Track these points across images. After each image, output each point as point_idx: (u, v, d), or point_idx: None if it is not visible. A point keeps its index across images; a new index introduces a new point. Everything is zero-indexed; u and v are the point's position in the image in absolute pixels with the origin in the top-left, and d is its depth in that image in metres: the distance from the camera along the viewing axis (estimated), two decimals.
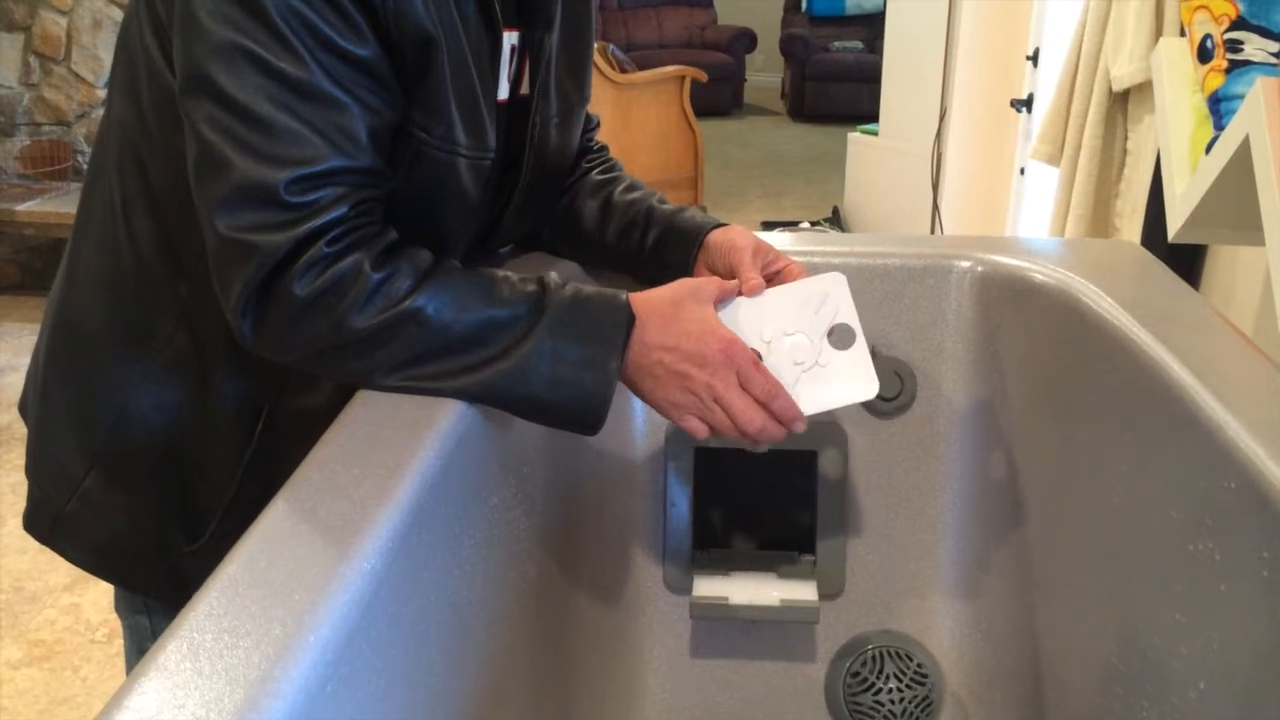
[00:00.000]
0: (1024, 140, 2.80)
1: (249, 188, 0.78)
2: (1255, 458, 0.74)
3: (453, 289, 0.84)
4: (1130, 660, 0.93)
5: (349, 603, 0.65)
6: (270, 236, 0.78)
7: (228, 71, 0.77)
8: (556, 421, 0.88)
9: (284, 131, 0.78)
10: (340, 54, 0.80)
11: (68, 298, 0.99)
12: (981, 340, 1.17)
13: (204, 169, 0.79)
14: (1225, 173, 1.18)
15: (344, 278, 0.81)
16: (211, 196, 0.78)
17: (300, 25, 0.77)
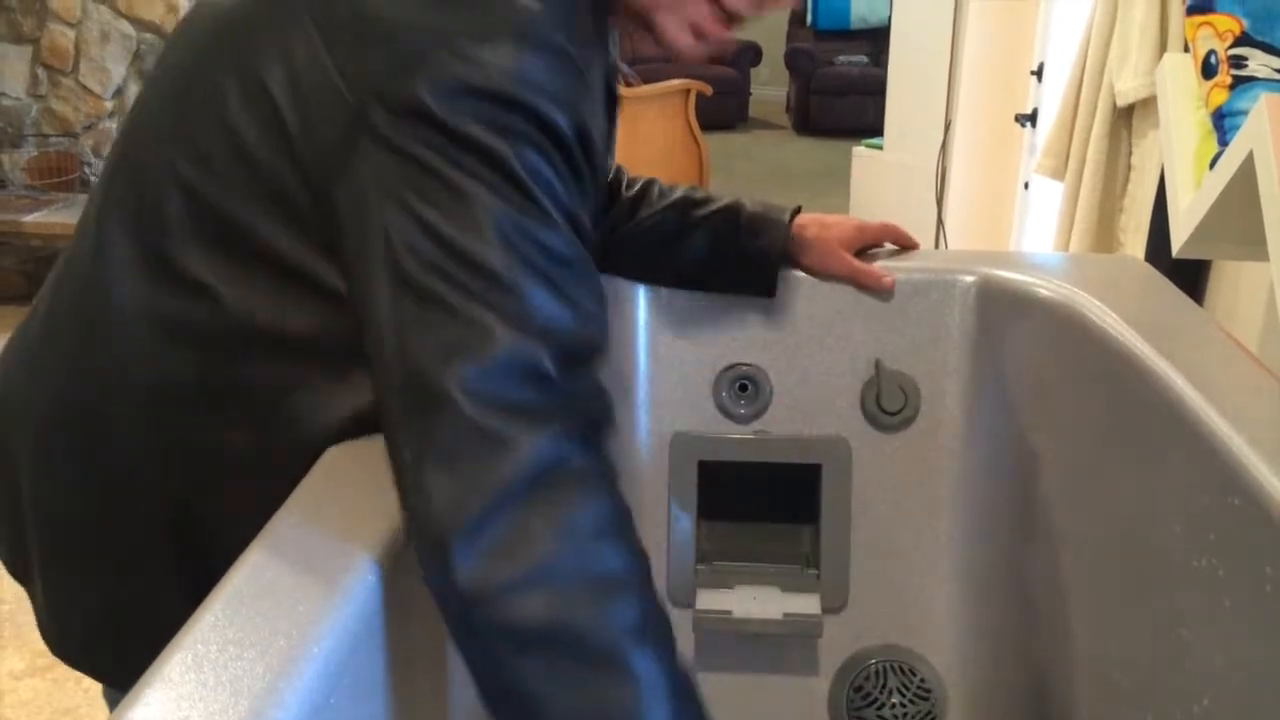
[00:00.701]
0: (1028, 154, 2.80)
1: (513, 365, 0.65)
2: (1259, 474, 0.74)
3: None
4: (1134, 675, 0.93)
5: (353, 614, 0.65)
6: (534, 431, 0.65)
7: (474, 228, 0.66)
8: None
9: (544, 303, 0.67)
10: (571, 214, 0.71)
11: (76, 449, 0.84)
12: (985, 355, 1.17)
13: (442, 340, 0.65)
14: (1229, 188, 1.18)
15: (600, 492, 0.68)
16: (456, 373, 0.64)
17: (546, 188, 0.69)
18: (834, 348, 1.19)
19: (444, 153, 0.66)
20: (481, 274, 0.65)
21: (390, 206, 0.67)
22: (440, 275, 0.65)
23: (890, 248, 1.21)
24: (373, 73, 0.68)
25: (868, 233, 1.19)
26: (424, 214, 0.66)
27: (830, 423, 1.21)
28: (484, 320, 0.65)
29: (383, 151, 0.67)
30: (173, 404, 0.80)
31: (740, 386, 1.21)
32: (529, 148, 0.68)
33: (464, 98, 0.66)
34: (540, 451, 0.64)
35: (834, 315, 1.19)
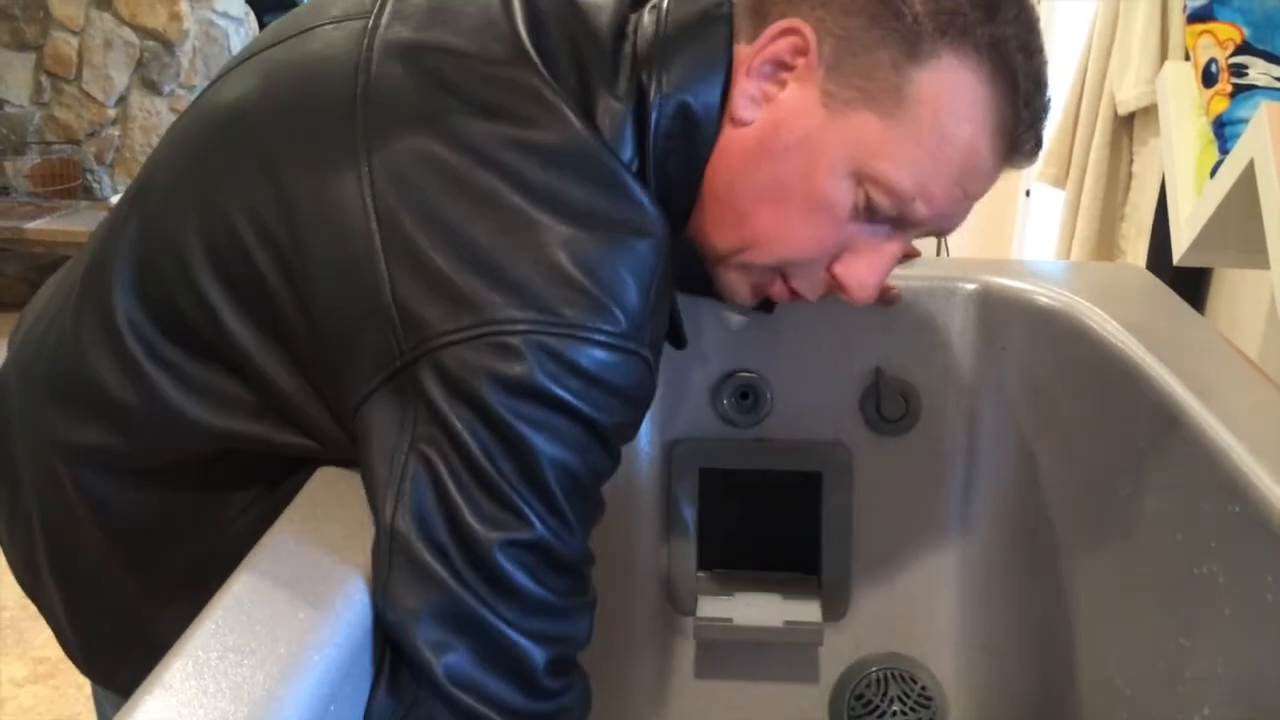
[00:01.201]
0: None
1: (509, 661, 0.65)
2: (1260, 482, 0.74)
3: None
4: (1135, 683, 0.93)
5: (354, 621, 0.65)
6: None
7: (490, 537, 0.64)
8: None
9: (549, 608, 0.67)
10: (592, 518, 0.72)
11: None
12: (985, 363, 1.17)
13: (437, 618, 0.64)
14: (1230, 196, 1.18)
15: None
16: (441, 658, 0.64)
17: (575, 495, 0.67)
18: (834, 355, 1.19)
19: (486, 446, 0.63)
20: (484, 572, 0.64)
21: (413, 469, 0.65)
22: (444, 561, 0.64)
23: None
24: (438, 332, 0.64)
25: None
26: (447, 495, 0.64)
27: (831, 430, 1.21)
28: (479, 616, 0.64)
29: (424, 408, 0.64)
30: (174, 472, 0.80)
31: (740, 394, 1.21)
32: (575, 456, 0.65)
33: (524, 400, 0.63)
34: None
35: (834, 323, 1.19)
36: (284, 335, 0.71)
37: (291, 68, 0.75)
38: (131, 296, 0.76)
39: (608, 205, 0.67)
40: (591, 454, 0.67)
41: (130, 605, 0.85)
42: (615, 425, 0.67)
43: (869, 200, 0.71)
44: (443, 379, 0.63)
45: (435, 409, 0.64)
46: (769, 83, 0.72)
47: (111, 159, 3.91)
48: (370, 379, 0.66)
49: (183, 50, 3.79)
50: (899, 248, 0.75)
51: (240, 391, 0.74)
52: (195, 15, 3.77)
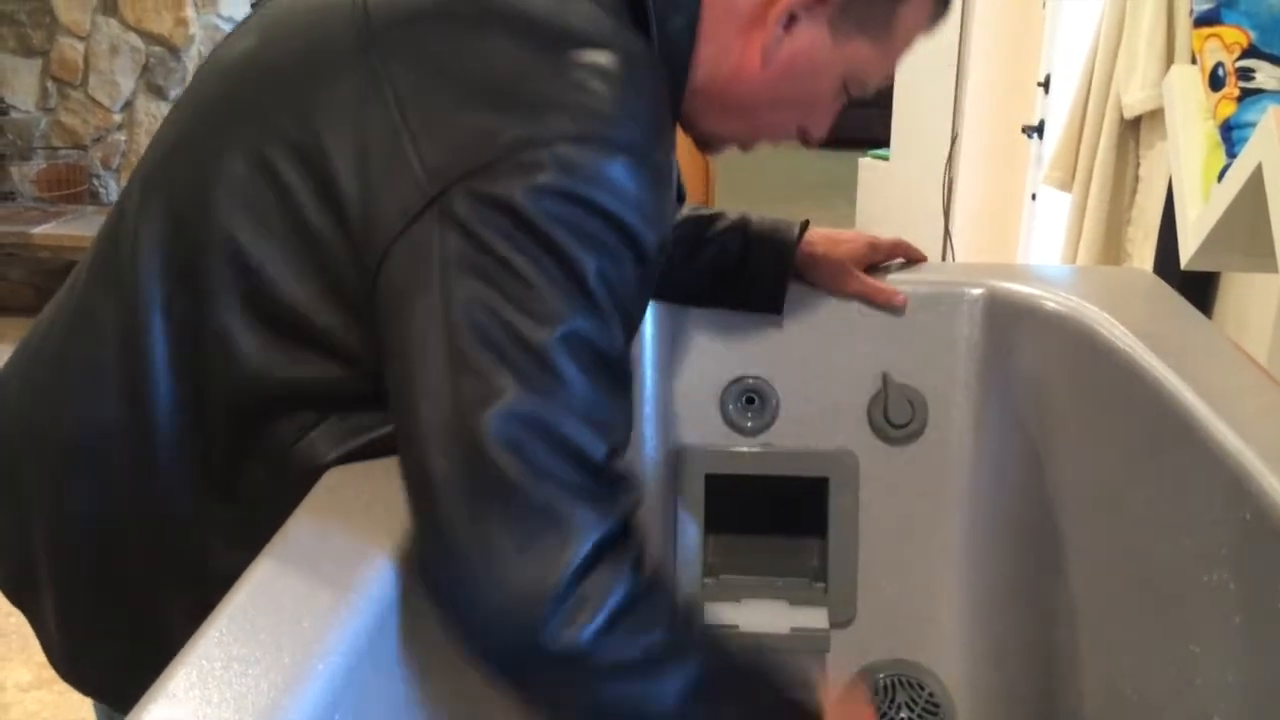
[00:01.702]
0: (1035, 166, 2.80)
1: (572, 452, 0.67)
2: (1270, 488, 0.74)
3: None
4: (1143, 691, 0.93)
5: (359, 630, 0.65)
6: (593, 514, 0.68)
7: (543, 328, 0.67)
8: None
9: (600, 403, 0.69)
10: (630, 323, 0.74)
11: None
12: (993, 367, 1.17)
13: (506, 418, 0.65)
14: (1238, 200, 1.18)
15: (653, 578, 0.72)
16: (521, 451, 0.66)
17: (613, 298, 0.70)
18: (841, 361, 1.19)
19: (523, 248, 0.66)
20: (545, 369, 0.66)
21: (457, 287, 0.67)
22: (506, 363, 0.66)
23: (899, 262, 1.21)
24: (461, 161, 0.68)
25: (879, 250, 1.19)
26: (494, 302, 0.66)
27: (837, 436, 1.20)
28: (547, 413, 0.66)
29: (456, 234, 0.67)
30: (193, 446, 0.80)
31: (747, 399, 1.21)
32: (608, 258, 0.69)
33: (555, 201, 0.66)
34: (599, 534, 0.67)
35: (841, 328, 1.18)
36: (310, 243, 0.73)
37: (288, 12, 0.80)
38: (160, 270, 0.78)
39: (611, 34, 0.73)
40: (622, 260, 0.70)
41: (133, 600, 0.85)
42: (640, 232, 0.70)
43: (846, 93, 0.88)
44: (474, 203, 0.67)
45: (469, 230, 0.67)
46: (783, 28, 0.82)
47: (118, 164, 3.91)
48: (395, 227, 0.69)
49: (188, 55, 3.79)
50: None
51: (269, 333, 0.76)
52: (200, 20, 3.78)
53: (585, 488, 0.68)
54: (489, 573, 0.65)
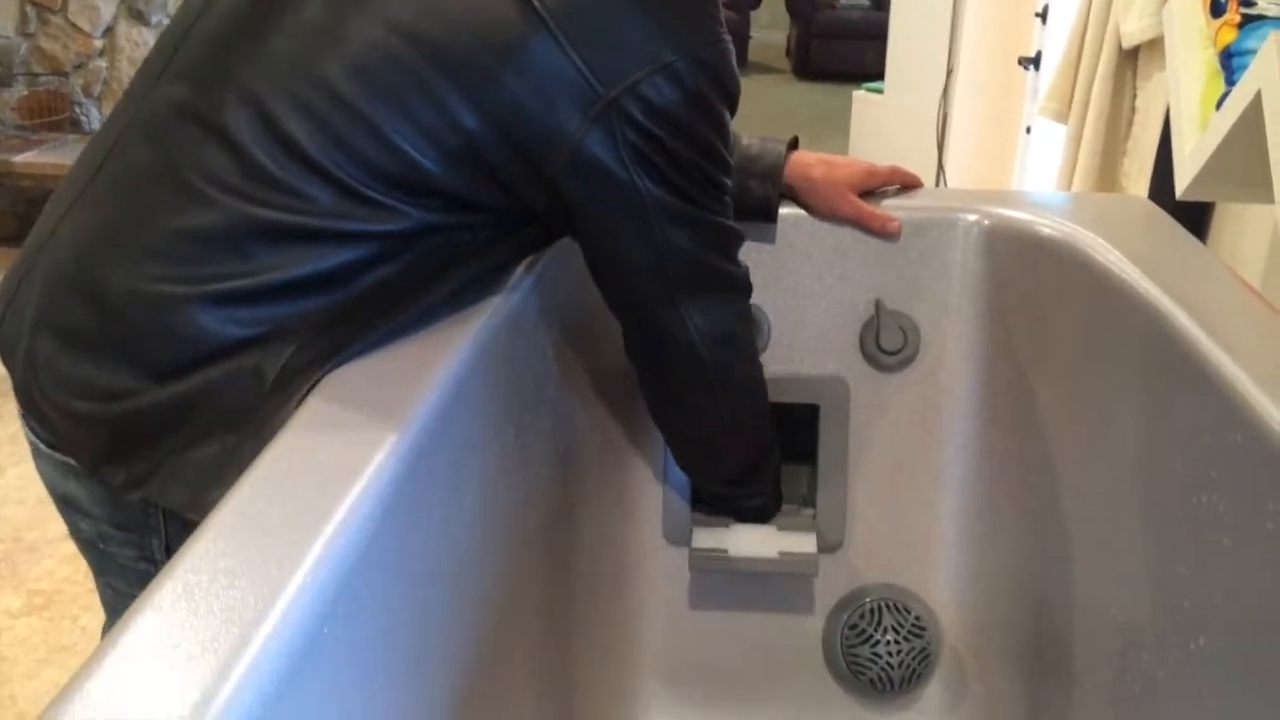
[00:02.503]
0: (1031, 98, 2.77)
1: (737, 243, 1.00)
2: (1264, 411, 0.73)
3: None
4: (1131, 613, 0.93)
5: (347, 545, 0.64)
6: (745, 288, 1.03)
7: (702, 188, 0.92)
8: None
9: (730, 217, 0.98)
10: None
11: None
12: (987, 294, 1.16)
13: (715, 244, 0.96)
14: (1236, 129, 1.16)
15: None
16: (726, 259, 0.98)
17: (728, 150, 0.94)
18: (834, 287, 1.18)
19: (677, 138, 0.87)
20: (712, 226, 0.94)
21: (645, 174, 0.87)
22: (689, 201, 0.91)
23: (895, 189, 1.20)
24: (626, 70, 0.84)
25: (877, 175, 1.18)
26: (673, 178, 0.89)
27: (829, 363, 1.20)
28: (726, 227, 0.96)
29: (634, 133, 0.85)
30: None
31: None
32: (727, 126, 0.92)
33: (696, 97, 0.86)
34: (746, 300, 1.03)
35: (834, 254, 1.17)
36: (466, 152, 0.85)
37: None
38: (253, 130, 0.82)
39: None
40: (727, 120, 0.93)
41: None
42: (738, 95, 0.93)
43: None
44: (644, 108, 0.84)
45: (646, 131, 0.85)
46: None
47: (99, 91, 3.85)
48: (581, 124, 0.84)
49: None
50: None
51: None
52: None
53: (743, 275, 1.01)
54: (700, 324, 0.98)
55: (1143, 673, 0.89)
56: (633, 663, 1.29)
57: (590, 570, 1.21)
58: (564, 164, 0.86)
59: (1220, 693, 0.78)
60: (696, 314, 0.97)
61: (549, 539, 1.10)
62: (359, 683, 0.65)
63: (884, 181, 1.19)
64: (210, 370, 0.81)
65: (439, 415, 0.80)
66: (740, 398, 1.06)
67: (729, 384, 1.04)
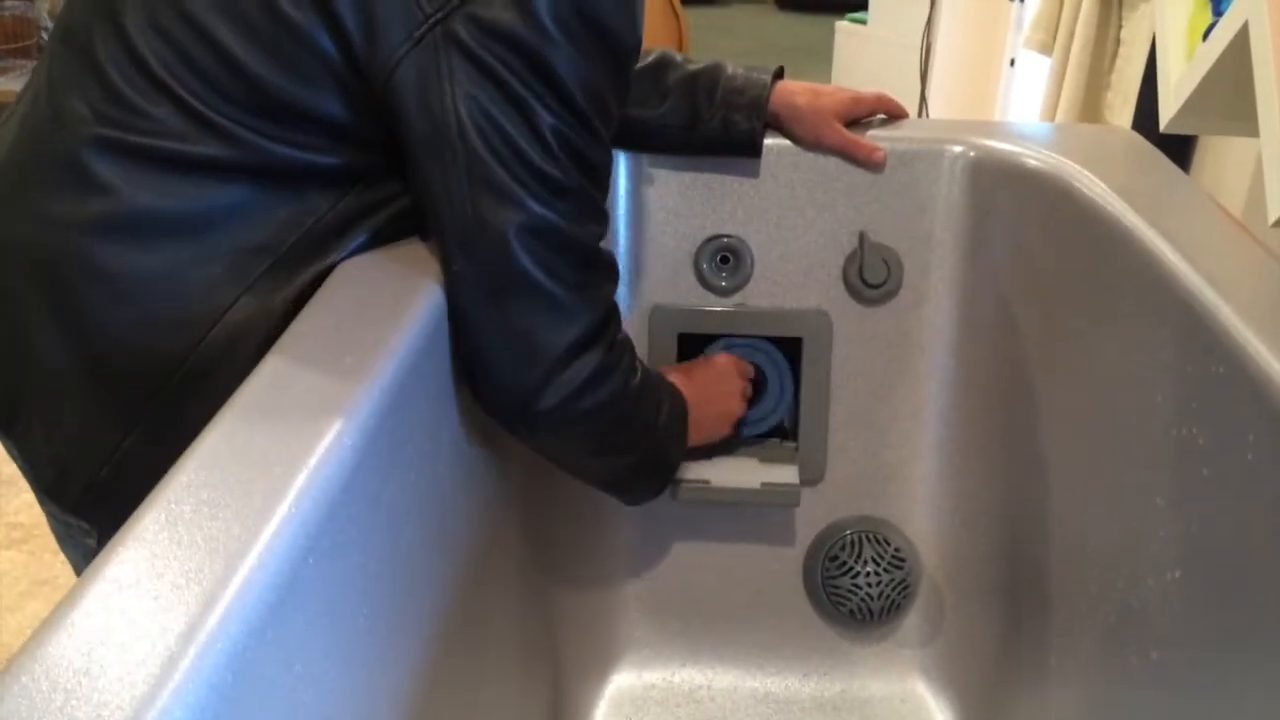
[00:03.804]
0: (1016, 30, 2.74)
1: (572, 251, 0.84)
2: (1246, 342, 0.73)
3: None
4: (1107, 544, 0.94)
5: (330, 477, 0.64)
6: (588, 301, 0.86)
7: (543, 143, 0.79)
8: (662, 472, 1.07)
9: (590, 202, 0.85)
10: (612, 124, 0.86)
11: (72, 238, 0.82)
12: (971, 227, 1.16)
13: (521, 231, 0.80)
14: (1221, 60, 1.15)
15: (625, 341, 0.93)
16: (533, 256, 0.81)
17: (601, 108, 0.82)
18: (817, 220, 1.17)
19: (520, 75, 0.77)
20: (545, 181, 0.79)
21: (465, 110, 0.77)
22: (513, 177, 0.78)
23: (880, 118, 1.18)
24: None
25: (862, 104, 1.16)
26: (499, 120, 0.77)
27: (812, 295, 1.20)
28: (550, 218, 0.80)
29: (461, 58, 0.76)
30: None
31: (721, 258, 1.19)
32: (599, 72, 0.80)
33: (551, 25, 0.76)
34: (593, 318, 0.86)
35: (817, 187, 1.16)
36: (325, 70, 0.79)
37: None
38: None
39: None
40: (604, 66, 0.80)
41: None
42: (620, 37, 0.80)
43: None
44: (473, 27, 0.75)
45: (471, 54, 0.76)
46: None
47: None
48: (400, 48, 0.76)
49: None
50: None
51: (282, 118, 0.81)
52: None
53: (582, 284, 0.85)
54: (505, 354, 0.84)
55: (1118, 603, 0.90)
56: (615, 594, 1.30)
57: (572, 502, 1.21)
58: (385, 90, 0.78)
59: (1194, 623, 0.79)
60: (518, 337, 0.84)
61: (530, 473, 1.11)
62: (343, 615, 0.65)
63: (870, 110, 1.17)
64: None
65: (421, 346, 0.79)
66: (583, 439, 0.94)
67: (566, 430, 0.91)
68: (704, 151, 1.14)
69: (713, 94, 1.10)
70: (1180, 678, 0.80)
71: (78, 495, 0.87)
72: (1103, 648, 0.94)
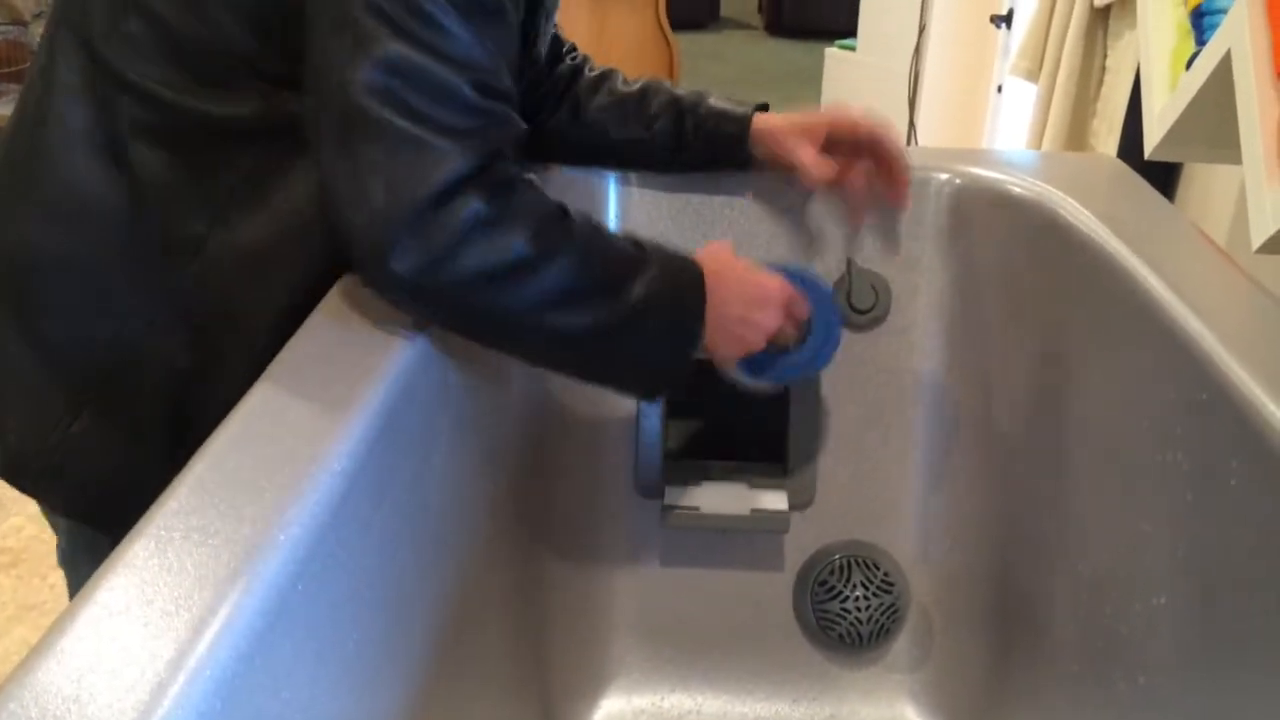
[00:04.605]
0: (1003, 57, 2.77)
1: (435, 88, 0.75)
2: (1228, 369, 0.74)
3: (589, 232, 0.85)
4: (1095, 569, 0.95)
5: (319, 503, 0.64)
6: (457, 144, 0.75)
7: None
8: (639, 378, 0.91)
9: (464, 39, 0.77)
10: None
11: (26, 230, 0.87)
12: (958, 253, 1.16)
13: (374, 68, 0.74)
14: (1205, 89, 1.17)
15: (523, 198, 0.80)
16: (386, 94, 0.74)
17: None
18: (806, 246, 1.18)
19: None
20: (414, 14, 0.74)
21: None
22: (376, 13, 0.74)
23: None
24: None
25: (839, 126, 1.07)
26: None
27: None
28: (412, 52, 0.74)
29: None
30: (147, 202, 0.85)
31: None
32: None
33: None
34: (462, 161, 0.76)
35: (805, 212, 1.17)
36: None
37: None
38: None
39: None
40: None
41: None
42: None
43: None
44: None
45: None
46: None
47: None
48: None
49: None
50: None
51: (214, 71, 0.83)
52: None
53: (452, 125, 0.76)
54: (356, 205, 0.75)
55: (1106, 628, 0.91)
56: (604, 620, 1.30)
57: (562, 528, 1.21)
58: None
59: (1181, 648, 0.79)
60: (376, 184, 0.75)
61: (520, 497, 1.11)
62: (332, 640, 0.66)
63: (850, 130, 1.08)
64: None
65: (410, 372, 0.80)
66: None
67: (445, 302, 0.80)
68: (691, 167, 1.14)
69: (698, 109, 1.10)
70: (1168, 703, 0.81)
71: (31, 476, 0.91)
72: (1091, 673, 0.94)
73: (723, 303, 0.90)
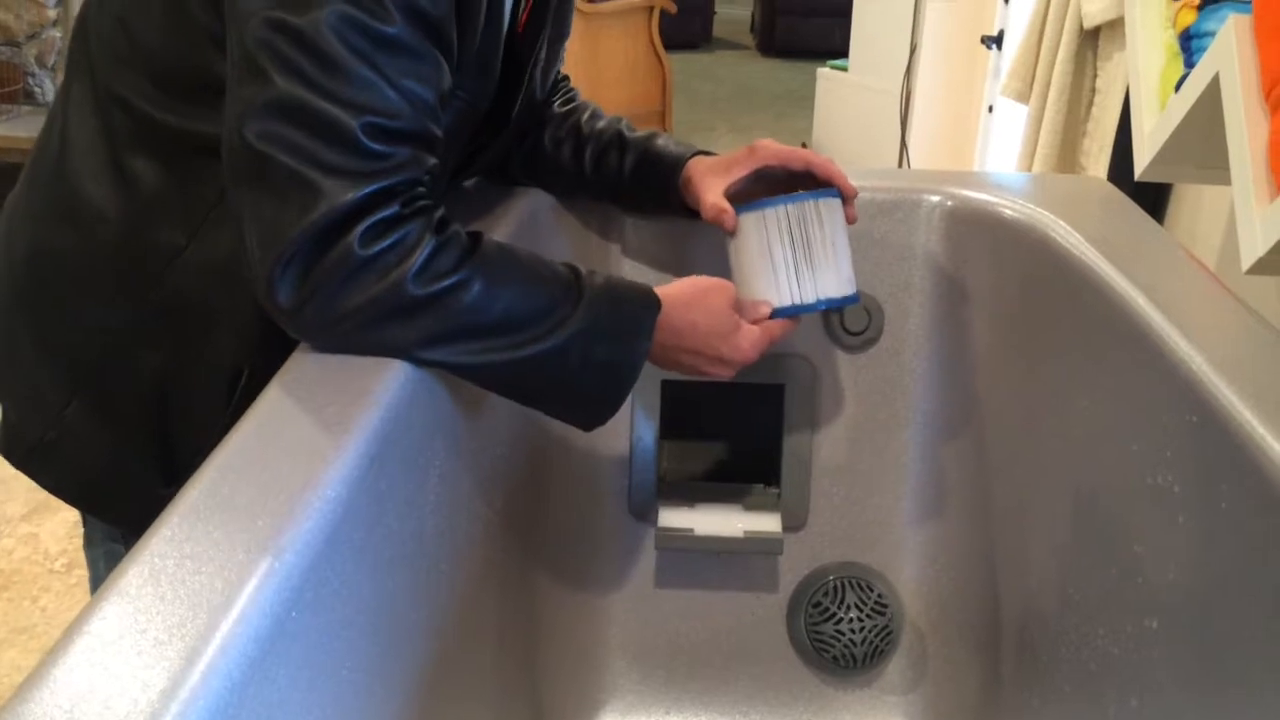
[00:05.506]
0: (994, 77, 2.78)
1: (323, 127, 0.75)
2: (1218, 392, 0.75)
3: (498, 267, 0.83)
4: (1087, 591, 0.95)
5: (313, 530, 0.64)
6: (340, 182, 0.75)
7: (307, 15, 0.74)
8: (572, 407, 0.91)
9: (362, 80, 0.76)
10: (420, 12, 0.78)
11: (39, 229, 0.94)
12: (949, 275, 1.17)
13: (264, 108, 0.75)
14: (1194, 111, 1.18)
15: (407, 239, 0.78)
16: (273, 134, 0.75)
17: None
18: None
19: None
20: (306, 52, 0.74)
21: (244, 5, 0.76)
22: (269, 51, 0.75)
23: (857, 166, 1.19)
24: None
25: (761, 160, 1.04)
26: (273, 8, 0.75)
27: (794, 342, 1.21)
28: (300, 90, 0.74)
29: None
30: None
31: None
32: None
33: None
34: (348, 200, 0.75)
35: None
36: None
37: None
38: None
39: None
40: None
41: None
42: None
43: None
44: None
45: None
46: None
47: (54, 62, 3.78)
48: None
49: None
50: None
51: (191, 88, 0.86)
52: None
53: (338, 165, 0.75)
54: (250, 236, 0.76)
55: (1099, 649, 0.91)
56: (599, 642, 1.30)
57: (556, 550, 1.21)
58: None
59: (1173, 670, 0.79)
60: (260, 220, 0.76)
61: (514, 520, 1.11)
62: (326, 668, 0.65)
63: (781, 164, 1.06)
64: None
65: (404, 398, 0.80)
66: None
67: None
68: (637, 209, 1.16)
69: (643, 150, 1.10)
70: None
71: (23, 454, 0.97)
72: (1084, 694, 0.94)
73: (678, 334, 0.91)
